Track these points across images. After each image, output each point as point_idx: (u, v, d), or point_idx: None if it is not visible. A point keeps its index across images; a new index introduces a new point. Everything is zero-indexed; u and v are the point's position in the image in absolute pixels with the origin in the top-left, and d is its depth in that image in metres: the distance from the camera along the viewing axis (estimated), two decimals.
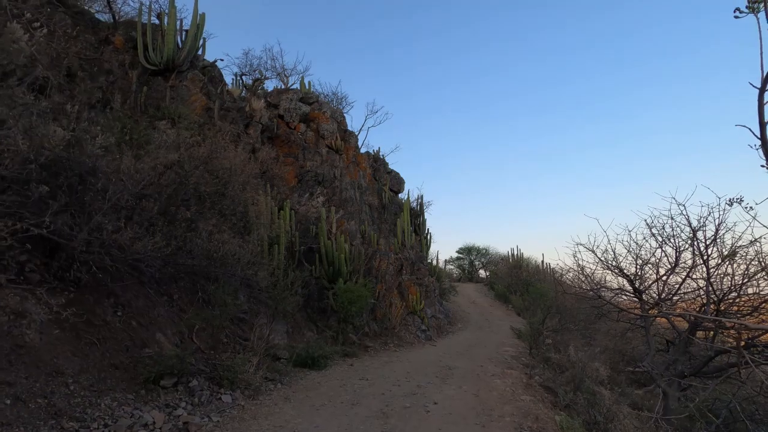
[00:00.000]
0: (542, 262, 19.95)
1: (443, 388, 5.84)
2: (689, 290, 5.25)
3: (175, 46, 9.57)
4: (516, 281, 18.74)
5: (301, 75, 14.39)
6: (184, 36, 10.14)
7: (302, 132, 12.18)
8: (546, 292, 12.67)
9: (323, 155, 12.17)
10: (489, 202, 78.20)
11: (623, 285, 5.38)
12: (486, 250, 29.99)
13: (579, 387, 7.07)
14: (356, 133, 14.56)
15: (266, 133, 11.30)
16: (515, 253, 24.09)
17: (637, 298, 5.30)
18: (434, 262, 15.81)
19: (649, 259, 5.23)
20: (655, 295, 5.34)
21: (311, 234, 10.71)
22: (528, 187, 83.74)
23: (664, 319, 5.60)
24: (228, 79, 12.95)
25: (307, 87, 14.34)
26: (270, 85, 13.77)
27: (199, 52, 10.94)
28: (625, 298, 5.72)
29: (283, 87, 13.46)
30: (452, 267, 30.07)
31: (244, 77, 12.84)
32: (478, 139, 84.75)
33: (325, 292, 9.79)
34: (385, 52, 77.39)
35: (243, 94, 12.28)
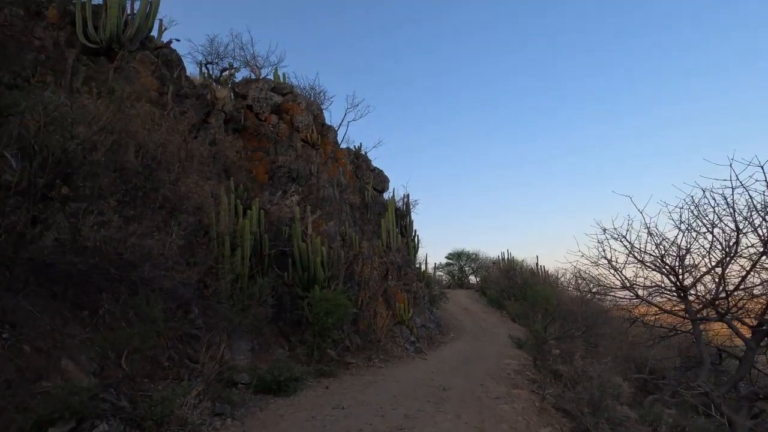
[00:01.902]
0: (537, 264, 18.97)
1: (437, 419, 4.63)
2: (750, 285, 4.17)
3: (120, 22, 8.33)
4: (511, 285, 17.64)
5: (274, 66, 13.21)
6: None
7: (274, 124, 10.97)
8: (548, 295, 11.59)
9: (298, 150, 10.97)
10: (478, 202, 77.58)
11: (662, 281, 4.28)
12: (476, 255, 29.01)
13: (598, 407, 5.93)
14: (335, 128, 13.41)
15: (231, 124, 10.07)
16: (506, 256, 23.12)
17: (680, 297, 4.19)
18: (423, 267, 14.67)
19: (689, 248, 4.14)
20: (704, 292, 4.25)
21: (284, 236, 9.46)
22: (518, 186, 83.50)
23: (716, 326, 4.48)
24: (192, 68, 11.73)
25: (281, 79, 13.16)
26: (239, 77, 12.52)
27: (154, 34, 9.73)
28: (663, 298, 4.61)
29: (254, 77, 12.26)
30: (441, 273, 28.97)
31: (209, 66, 11.62)
32: (466, 135, 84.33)
33: (298, 301, 8.54)
34: (365, 44, 76.48)
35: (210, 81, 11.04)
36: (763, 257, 3.89)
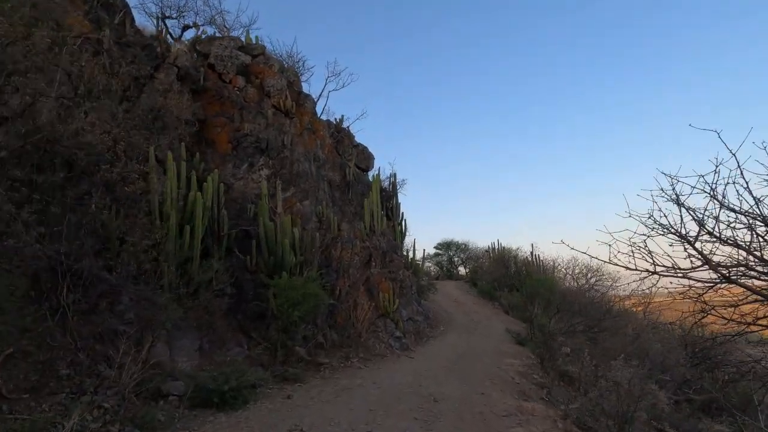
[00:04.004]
0: (532, 253, 17.87)
1: None
2: None
3: None
4: (504, 275, 16.49)
5: (245, 28, 11.64)
6: None
7: (240, 87, 9.50)
8: (550, 284, 10.46)
9: (268, 117, 9.53)
10: (467, 192, 76.61)
11: (741, 257, 3.04)
12: (465, 245, 27.90)
13: (626, 420, 4.74)
14: (314, 99, 11.98)
15: (188, 84, 8.58)
16: (497, 246, 22.05)
17: None
18: (410, 254, 13.41)
19: None
20: None
21: (248, 214, 8.09)
22: (506, 176, 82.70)
23: None
24: (144, 20, 10.10)
25: (253, 41, 11.62)
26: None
27: None
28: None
29: (219, 36, 10.72)
30: (430, 264, 27.83)
31: (165, 21, 10.05)
32: (457, 125, 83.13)
33: (263, 290, 7.18)
34: (349, 14, 73.30)
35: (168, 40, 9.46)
36: None
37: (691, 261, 2.94)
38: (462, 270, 27.85)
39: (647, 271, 2.75)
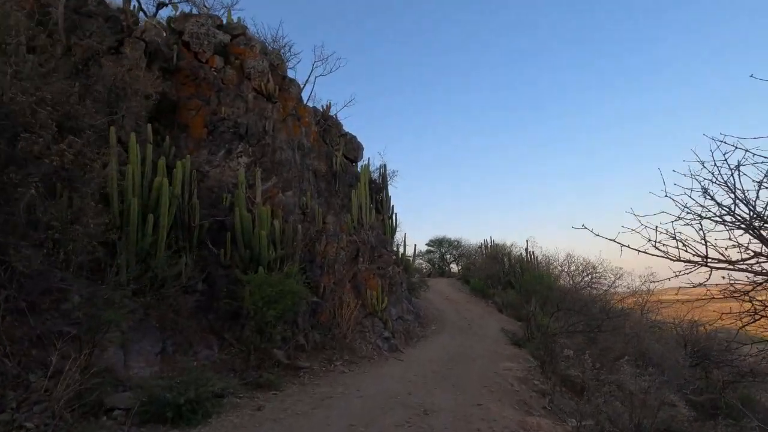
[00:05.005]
0: (526, 249, 17.34)
1: None
2: None
3: None
4: (498, 271, 15.97)
5: (227, 8, 10.87)
6: None
7: (218, 68, 8.79)
8: (549, 282, 9.92)
9: (249, 101, 8.84)
10: (461, 190, 76.21)
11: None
12: (458, 242, 27.40)
13: None
14: (300, 84, 11.29)
15: (159, 61, 7.87)
16: (489, 243, 21.56)
17: None
18: (401, 249, 12.80)
19: None
20: None
21: (224, 204, 7.42)
22: (499, 174, 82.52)
23: None
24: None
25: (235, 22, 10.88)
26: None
27: None
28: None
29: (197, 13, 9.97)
30: (422, 261, 27.29)
31: None
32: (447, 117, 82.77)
33: (236, 287, 6.51)
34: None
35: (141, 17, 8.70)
36: None
37: (740, 251, 2.37)
38: (454, 267, 27.38)
39: (696, 263, 2.19)
